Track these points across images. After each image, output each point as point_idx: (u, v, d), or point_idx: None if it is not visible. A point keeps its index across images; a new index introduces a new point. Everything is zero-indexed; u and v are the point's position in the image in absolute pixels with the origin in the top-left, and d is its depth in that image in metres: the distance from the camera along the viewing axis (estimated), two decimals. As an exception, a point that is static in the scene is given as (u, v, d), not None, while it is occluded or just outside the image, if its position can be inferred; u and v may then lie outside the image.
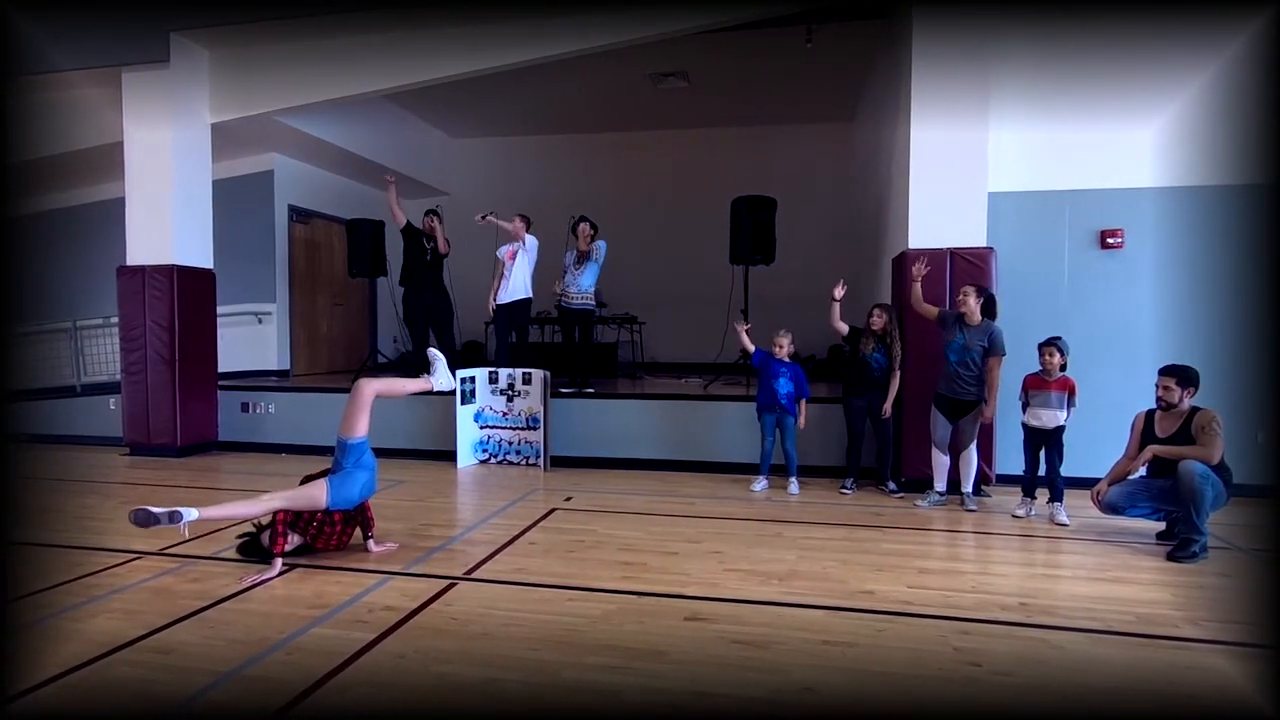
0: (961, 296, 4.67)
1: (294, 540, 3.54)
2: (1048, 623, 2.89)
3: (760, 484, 5.29)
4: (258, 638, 2.70)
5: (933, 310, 4.88)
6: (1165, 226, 5.32)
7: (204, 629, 2.80)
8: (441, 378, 3.82)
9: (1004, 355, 4.59)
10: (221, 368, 7.24)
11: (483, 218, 6.58)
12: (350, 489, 3.56)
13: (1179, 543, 3.75)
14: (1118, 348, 5.32)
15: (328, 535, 3.65)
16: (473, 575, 3.42)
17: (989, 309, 4.70)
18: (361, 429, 3.58)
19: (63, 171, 8.05)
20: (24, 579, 3.31)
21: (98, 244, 8.38)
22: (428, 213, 7.16)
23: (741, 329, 5.34)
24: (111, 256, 6.90)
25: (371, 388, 3.63)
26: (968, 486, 4.81)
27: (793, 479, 5.26)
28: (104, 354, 7.90)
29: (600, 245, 6.61)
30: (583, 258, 6.57)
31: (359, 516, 3.74)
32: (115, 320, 6.90)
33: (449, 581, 3.31)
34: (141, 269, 6.61)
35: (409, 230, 7.07)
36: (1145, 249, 5.36)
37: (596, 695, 2.31)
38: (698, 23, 5.97)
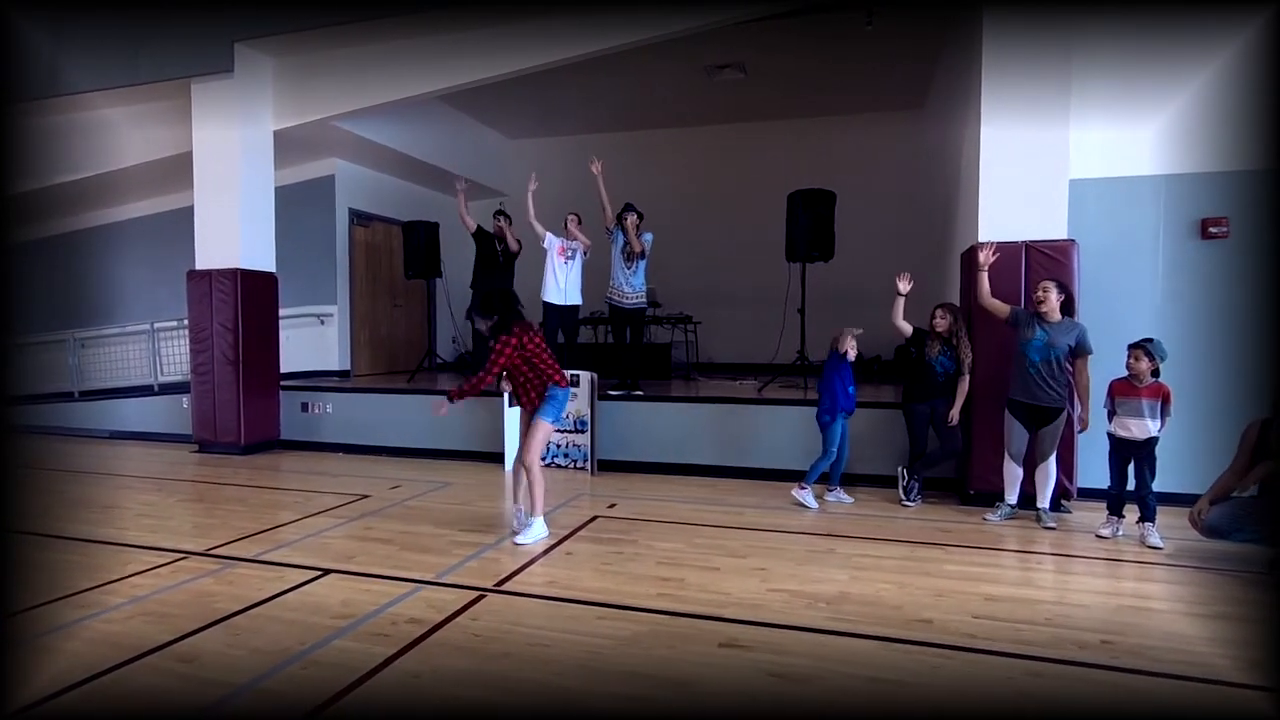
0: (1041, 293, 4.29)
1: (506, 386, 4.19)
2: (1135, 666, 2.53)
3: (838, 494, 4.99)
4: (279, 648, 2.65)
5: (1003, 307, 4.48)
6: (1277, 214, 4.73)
7: (229, 636, 2.77)
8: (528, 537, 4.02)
9: (1091, 354, 4.27)
10: (285, 368, 7.43)
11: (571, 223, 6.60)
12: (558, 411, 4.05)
13: (1297, 574, 3.29)
14: (1220, 350, 4.76)
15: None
16: (503, 587, 3.30)
17: (1068, 307, 4.33)
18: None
19: (134, 184, 8.45)
20: (72, 579, 3.40)
21: (178, 249, 8.74)
22: (495, 214, 7.19)
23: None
24: (187, 260, 7.17)
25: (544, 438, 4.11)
26: (1044, 502, 4.40)
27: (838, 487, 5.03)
28: (179, 355, 8.24)
29: (647, 237, 6.43)
30: (634, 256, 6.40)
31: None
32: (187, 322, 7.17)
33: (478, 593, 3.20)
34: (209, 273, 6.85)
35: (480, 234, 7.12)
36: (1254, 239, 4.77)
37: (614, 730, 2.14)
38: (754, 10, 5.71)
